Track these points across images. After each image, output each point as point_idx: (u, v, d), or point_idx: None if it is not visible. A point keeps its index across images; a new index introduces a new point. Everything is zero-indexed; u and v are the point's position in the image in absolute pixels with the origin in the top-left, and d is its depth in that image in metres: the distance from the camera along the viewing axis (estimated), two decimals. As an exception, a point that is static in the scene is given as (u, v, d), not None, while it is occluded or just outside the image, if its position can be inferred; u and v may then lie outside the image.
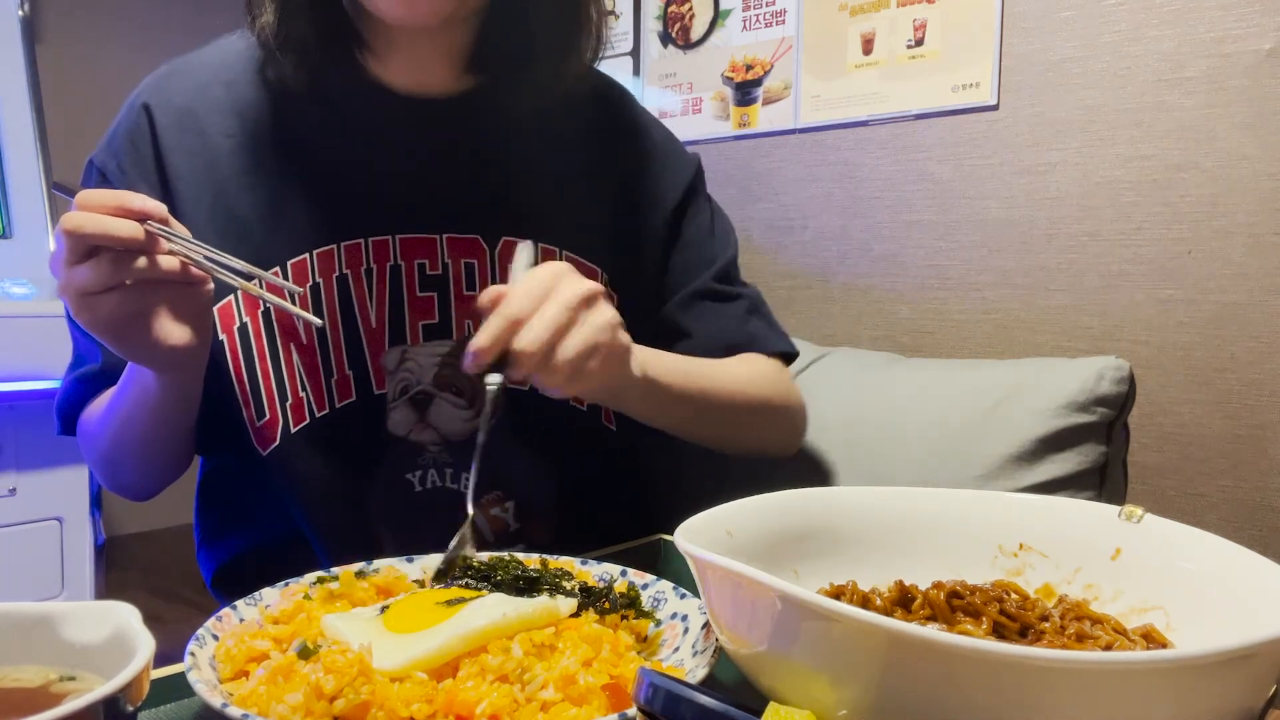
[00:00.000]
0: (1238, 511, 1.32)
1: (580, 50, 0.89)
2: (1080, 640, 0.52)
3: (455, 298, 0.87)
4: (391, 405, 0.85)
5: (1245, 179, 1.29)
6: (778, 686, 0.44)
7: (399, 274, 0.85)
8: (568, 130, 0.94)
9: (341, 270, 0.84)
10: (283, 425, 0.83)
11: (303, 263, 0.83)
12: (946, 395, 1.11)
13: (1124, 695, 0.37)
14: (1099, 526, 0.59)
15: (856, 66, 1.69)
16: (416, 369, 0.87)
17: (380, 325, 0.85)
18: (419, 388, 0.86)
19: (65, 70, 2.77)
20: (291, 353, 0.84)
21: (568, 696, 0.48)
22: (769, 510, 0.61)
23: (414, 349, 0.86)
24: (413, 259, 0.86)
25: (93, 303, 0.66)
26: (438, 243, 0.87)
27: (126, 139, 0.85)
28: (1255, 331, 1.29)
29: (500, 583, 0.60)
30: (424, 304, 0.86)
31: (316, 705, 0.46)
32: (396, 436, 0.85)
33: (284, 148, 0.85)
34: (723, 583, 0.47)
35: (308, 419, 0.84)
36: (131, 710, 0.38)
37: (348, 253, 0.84)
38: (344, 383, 0.84)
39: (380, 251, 0.85)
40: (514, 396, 0.87)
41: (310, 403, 0.84)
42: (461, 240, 0.87)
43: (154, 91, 0.87)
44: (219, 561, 0.93)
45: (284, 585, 0.61)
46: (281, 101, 0.86)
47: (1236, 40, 1.28)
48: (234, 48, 0.89)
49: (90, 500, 2.53)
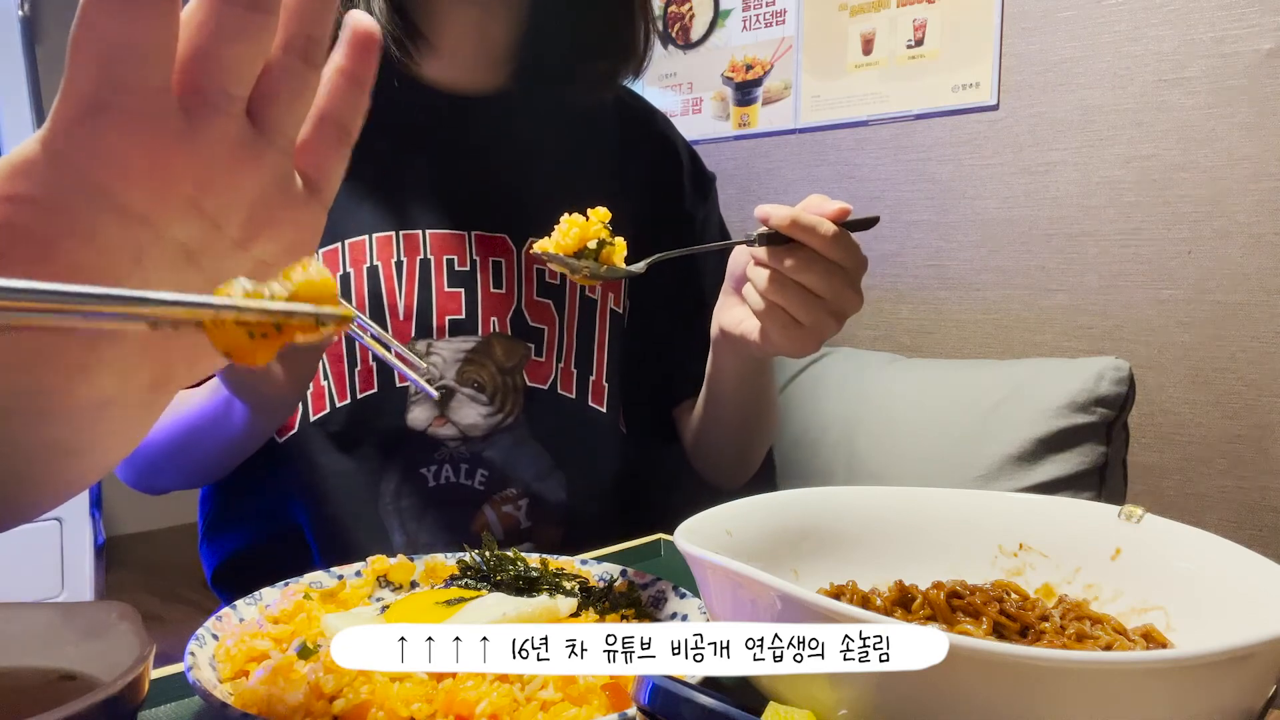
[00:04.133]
0: (1238, 511, 1.32)
1: (625, 58, 0.91)
2: (1080, 640, 0.52)
3: (482, 294, 0.87)
4: (413, 399, 0.86)
5: (1245, 179, 1.29)
6: (777, 686, 0.44)
7: (428, 268, 0.86)
8: (597, 137, 0.95)
9: (372, 261, 0.84)
10: (302, 413, 0.83)
11: (334, 252, 0.84)
12: (946, 396, 1.11)
13: (1124, 695, 0.37)
14: (1099, 526, 0.59)
15: (856, 66, 1.69)
16: (440, 363, 0.87)
17: (407, 318, 0.85)
18: (441, 382, 0.86)
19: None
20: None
21: (568, 696, 0.48)
22: (769, 510, 0.61)
23: (439, 343, 0.86)
24: (441, 254, 0.86)
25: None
26: (466, 239, 0.87)
27: None
28: (1255, 331, 1.29)
29: (500, 582, 0.60)
30: (451, 299, 0.87)
31: (316, 705, 0.46)
32: (415, 431, 0.85)
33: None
34: (723, 583, 0.47)
35: (328, 408, 0.84)
36: (131, 710, 0.38)
37: (379, 244, 0.85)
38: (366, 374, 0.84)
39: (410, 245, 0.86)
40: (533, 396, 0.88)
41: (331, 391, 0.84)
42: (490, 239, 0.88)
43: None
44: (220, 557, 0.93)
45: (284, 585, 0.61)
46: None
47: (1236, 40, 1.28)
48: None
49: (90, 500, 2.53)
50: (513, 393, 0.88)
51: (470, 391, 0.87)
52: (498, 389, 0.88)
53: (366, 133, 0.83)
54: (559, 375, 0.90)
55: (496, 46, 0.89)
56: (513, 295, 0.89)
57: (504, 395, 0.88)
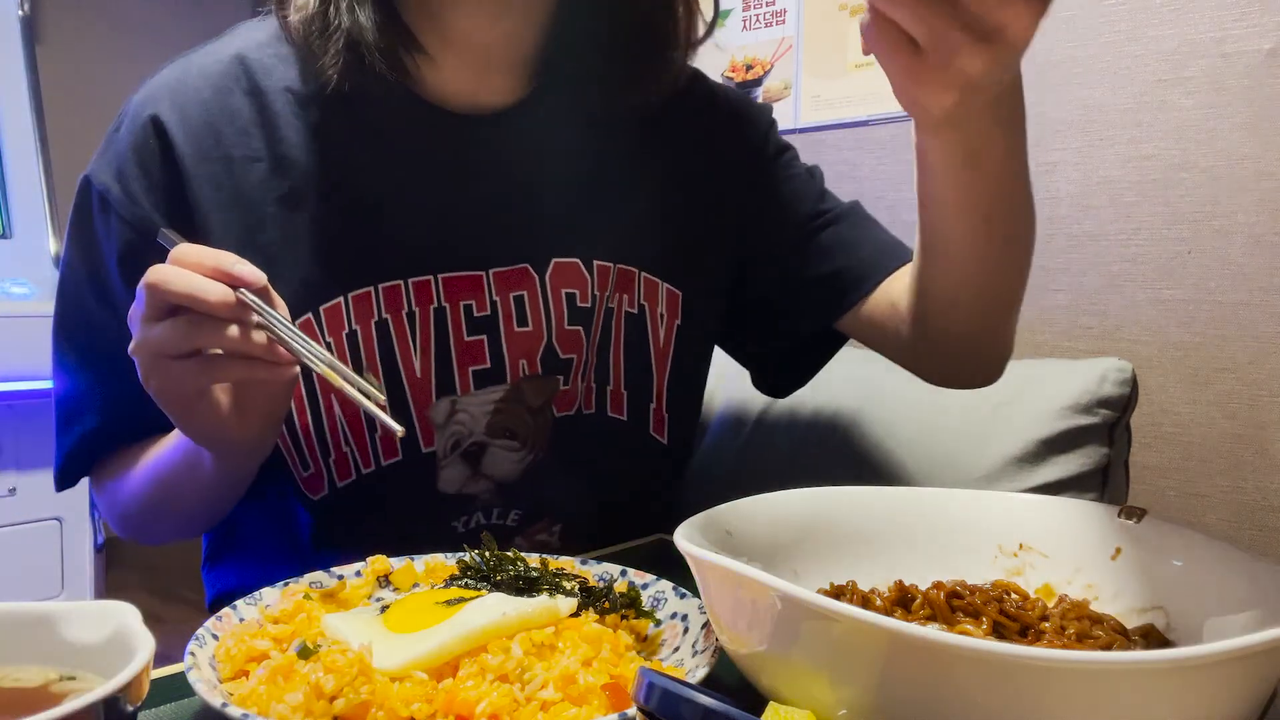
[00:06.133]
0: (1238, 511, 1.32)
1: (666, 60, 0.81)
2: (1080, 640, 0.52)
3: (506, 338, 0.79)
4: (443, 464, 0.79)
5: (1245, 179, 1.29)
6: (778, 686, 0.44)
7: (444, 317, 0.77)
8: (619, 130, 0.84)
9: (380, 315, 0.76)
10: (329, 478, 0.78)
11: (337, 308, 0.75)
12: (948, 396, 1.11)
13: (1124, 695, 0.37)
14: (1099, 526, 0.59)
15: (856, 66, 1.69)
16: (468, 420, 0.79)
17: (425, 375, 0.77)
18: (471, 440, 0.79)
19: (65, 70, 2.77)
20: (334, 406, 0.77)
21: (568, 696, 0.48)
22: (769, 510, 0.61)
23: (464, 399, 0.78)
24: (458, 300, 0.77)
25: (166, 368, 0.60)
26: (484, 279, 0.78)
27: (133, 159, 0.75)
28: (1255, 331, 1.29)
29: (500, 582, 0.60)
30: (473, 348, 0.78)
31: (316, 705, 0.46)
32: (448, 494, 0.80)
33: (314, 174, 0.75)
34: (723, 583, 0.47)
35: (354, 475, 0.78)
36: (131, 710, 0.38)
37: (386, 295, 0.76)
38: (388, 440, 0.77)
39: (422, 293, 0.76)
40: (562, 422, 0.82)
41: (355, 459, 0.77)
42: (509, 273, 0.79)
43: (164, 102, 0.75)
44: (220, 588, 0.89)
45: (284, 585, 0.61)
46: (312, 116, 0.76)
47: (1236, 40, 1.28)
48: (254, 40, 0.78)
49: (90, 500, 2.52)
50: (543, 429, 0.82)
51: (503, 441, 0.80)
52: (529, 431, 0.81)
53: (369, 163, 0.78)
54: (583, 397, 0.84)
55: (522, 52, 0.79)
56: (541, 331, 0.80)
57: (535, 435, 0.82)
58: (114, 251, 0.76)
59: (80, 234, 0.78)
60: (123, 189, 0.74)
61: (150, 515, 0.80)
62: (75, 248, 0.79)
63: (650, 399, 0.87)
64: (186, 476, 0.73)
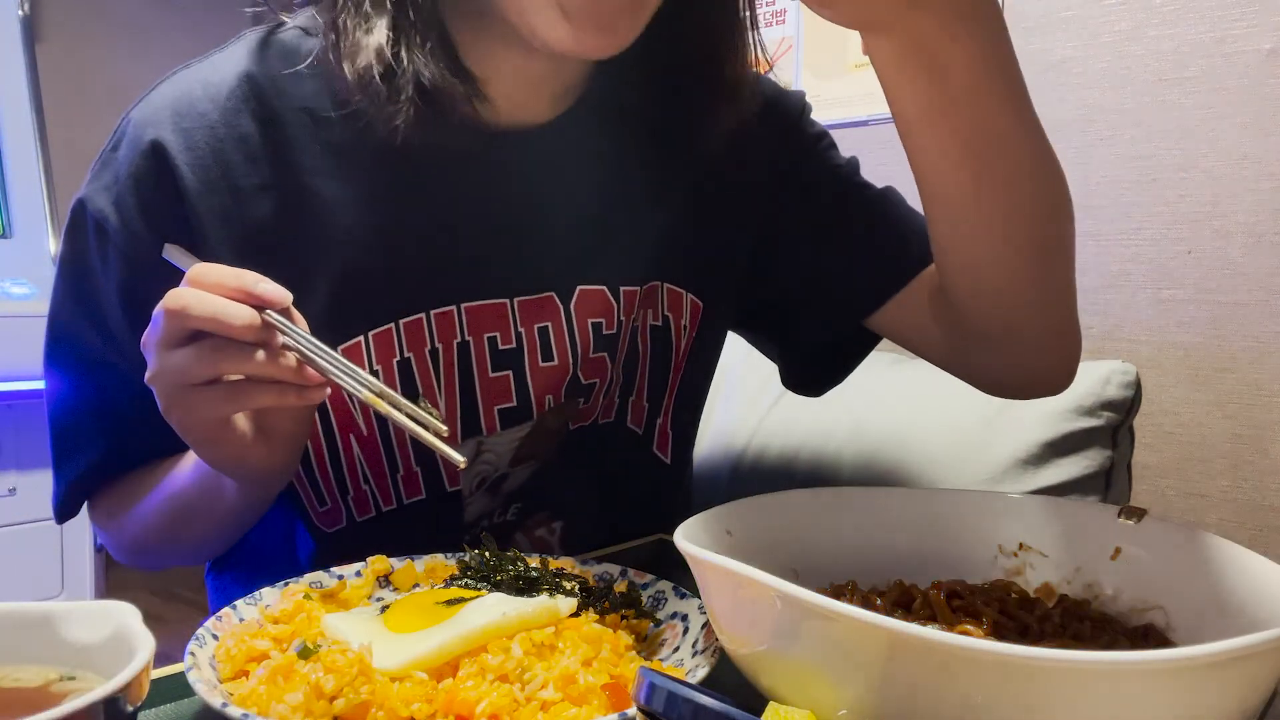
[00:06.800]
0: (1238, 511, 1.32)
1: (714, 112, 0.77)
2: (1080, 640, 0.52)
3: (531, 373, 0.75)
4: (468, 500, 0.77)
5: (1245, 179, 1.29)
6: (777, 686, 0.44)
7: (467, 352, 0.73)
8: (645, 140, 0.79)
9: (403, 354, 0.72)
10: (346, 515, 0.75)
11: (357, 347, 0.71)
12: (951, 398, 1.10)
13: (1124, 695, 0.37)
14: (1099, 526, 0.59)
15: (856, 66, 1.69)
16: (494, 459, 0.76)
17: (451, 415, 0.73)
18: (497, 474, 0.77)
19: (65, 70, 2.77)
20: (351, 443, 0.73)
21: (568, 696, 0.48)
22: (769, 510, 0.61)
23: (490, 439, 0.75)
24: (482, 333, 0.73)
25: (188, 396, 0.56)
26: (509, 309, 0.74)
27: (132, 187, 0.69)
28: (1255, 331, 1.29)
29: (500, 582, 0.60)
30: (498, 385, 0.74)
31: (316, 705, 0.46)
32: (472, 522, 0.78)
33: (328, 204, 0.70)
34: (723, 583, 0.47)
35: (373, 513, 0.75)
36: (131, 710, 0.38)
37: (408, 331, 0.71)
38: (411, 479, 0.74)
39: (445, 327, 0.72)
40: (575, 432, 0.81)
41: (375, 497, 0.75)
42: (533, 302, 0.75)
43: (165, 126, 0.69)
44: (221, 597, 0.87)
45: (284, 585, 0.61)
46: (331, 137, 0.70)
47: (1236, 40, 1.28)
48: (262, 55, 0.72)
49: (90, 500, 2.52)
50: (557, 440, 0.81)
51: (524, 467, 0.79)
52: (548, 450, 0.80)
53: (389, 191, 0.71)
54: (602, 410, 0.82)
55: (553, 82, 0.74)
56: (566, 364, 0.77)
57: (551, 449, 0.81)
58: (113, 282, 0.71)
59: (75, 260, 0.73)
60: (121, 220, 0.69)
61: (161, 543, 0.76)
62: (69, 275, 0.74)
63: (659, 414, 0.86)
64: (203, 505, 0.70)
